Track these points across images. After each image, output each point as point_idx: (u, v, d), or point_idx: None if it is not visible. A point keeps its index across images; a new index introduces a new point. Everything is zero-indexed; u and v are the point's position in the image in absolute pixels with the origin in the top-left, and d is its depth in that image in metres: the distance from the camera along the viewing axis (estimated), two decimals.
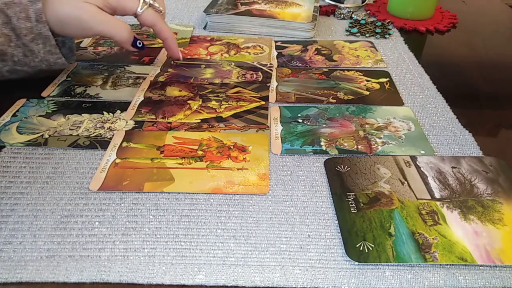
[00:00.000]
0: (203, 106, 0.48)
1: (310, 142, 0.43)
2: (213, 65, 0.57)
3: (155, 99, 0.50)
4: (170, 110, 0.48)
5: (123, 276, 0.31)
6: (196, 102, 0.49)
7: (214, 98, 0.50)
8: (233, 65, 0.57)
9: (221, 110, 0.48)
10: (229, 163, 0.41)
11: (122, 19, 0.46)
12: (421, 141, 0.44)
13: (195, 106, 0.48)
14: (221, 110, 0.48)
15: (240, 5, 0.68)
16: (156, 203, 0.37)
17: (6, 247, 0.32)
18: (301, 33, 0.65)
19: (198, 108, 0.48)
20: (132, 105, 0.48)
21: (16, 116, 0.46)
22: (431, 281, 0.31)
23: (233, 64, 0.57)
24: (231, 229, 0.34)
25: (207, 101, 0.49)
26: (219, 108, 0.48)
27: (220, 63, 0.57)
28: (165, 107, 0.48)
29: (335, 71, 0.56)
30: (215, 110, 0.48)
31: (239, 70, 0.56)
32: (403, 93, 0.52)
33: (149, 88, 0.52)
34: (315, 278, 0.31)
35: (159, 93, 0.51)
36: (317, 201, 0.37)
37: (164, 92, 0.51)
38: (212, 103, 0.49)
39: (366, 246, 0.33)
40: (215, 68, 0.56)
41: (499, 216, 0.35)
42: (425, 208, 0.36)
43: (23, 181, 0.38)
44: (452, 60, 0.62)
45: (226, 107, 0.48)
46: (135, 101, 0.49)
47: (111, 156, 0.41)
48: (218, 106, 0.48)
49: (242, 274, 0.31)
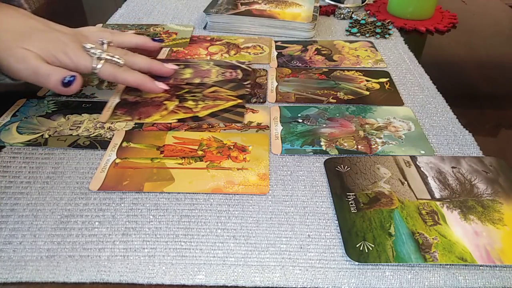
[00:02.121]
0: (180, 106, 0.48)
1: (310, 142, 0.43)
2: (192, 65, 0.56)
3: (131, 101, 0.49)
4: (146, 111, 0.47)
5: (123, 276, 0.31)
6: (173, 102, 0.49)
7: (191, 98, 0.49)
8: (212, 64, 0.56)
9: (198, 109, 0.47)
10: (229, 163, 0.41)
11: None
12: (421, 141, 0.44)
13: (172, 106, 0.48)
14: (198, 109, 0.47)
15: (240, 5, 0.68)
16: (156, 203, 0.37)
17: (6, 247, 0.32)
18: (301, 33, 0.65)
19: (174, 108, 0.48)
20: (107, 107, 0.48)
21: (16, 116, 0.46)
22: (431, 281, 0.31)
23: (212, 63, 0.57)
24: (231, 229, 0.34)
25: (183, 101, 0.49)
26: (195, 108, 0.48)
27: (199, 62, 0.57)
28: (141, 108, 0.48)
29: (335, 71, 0.56)
30: (191, 110, 0.47)
31: (218, 69, 0.55)
32: (403, 93, 0.52)
33: (126, 89, 0.51)
34: (315, 278, 0.31)
35: (135, 94, 0.50)
36: (317, 201, 0.37)
37: (141, 93, 0.50)
38: (189, 103, 0.49)
39: (366, 246, 0.33)
40: (194, 68, 0.56)
41: (499, 216, 0.35)
42: (425, 208, 0.36)
43: (23, 181, 0.38)
44: (452, 60, 0.62)
45: (203, 107, 0.48)
46: (111, 103, 0.49)
47: (111, 156, 0.41)
48: (195, 105, 0.48)
49: (242, 274, 0.31)
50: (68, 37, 0.45)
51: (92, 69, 0.45)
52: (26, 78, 0.43)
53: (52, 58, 0.43)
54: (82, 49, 0.45)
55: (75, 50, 0.44)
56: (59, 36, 0.45)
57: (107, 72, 0.46)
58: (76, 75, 0.43)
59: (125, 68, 0.47)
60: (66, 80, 0.42)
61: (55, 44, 0.44)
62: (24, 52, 0.42)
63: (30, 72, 0.42)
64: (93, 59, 0.45)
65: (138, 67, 0.49)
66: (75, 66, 0.44)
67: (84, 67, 0.45)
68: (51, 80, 0.42)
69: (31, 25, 0.45)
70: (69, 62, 0.44)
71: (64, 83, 0.42)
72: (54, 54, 0.43)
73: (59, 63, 0.44)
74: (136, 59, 0.49)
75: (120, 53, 0.48)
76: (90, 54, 0.45)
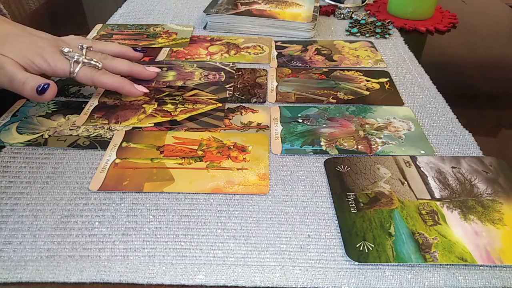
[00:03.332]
0: (158, 110, 0.47)
1: (310, 142, 0.43)
2: (175, 67, 0.56)
3: (110, 104, 0.49)
4: (124, 114, 0.47)
5: (123, 276, 0.31)
6: (151, 106, 0.48)
7: (170, 101, 0.49)
8: (195, 67, 0.56)
9: (176, 113, 0.47)
10: (229, 163, 0.41)
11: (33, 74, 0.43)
12: (421, 141, 0.44)
13: (150, 109, 0.47)
14: (176, 113, 0.47)
15: (240, 5, 0.68)
16: (156, 203, 0.37)
17: (6, 247, 0.32)
18: (301, 33, 0.65)
19: (152, 111, 0.47)
20: (85, 110, 0.47)
21: (16, 116, 0.46)
22: (431, 281, 0.31)
23: (195, 66, 0.56)
24: (231, 229, 0.34)
25: (162, 104, 0.49)
26: (174, 111, 0.47)
27: (182, 65, 0.57)
28: (119, 111, 0.47)
29: (335, 71, 0.56)
30: (170, 114, 0.47)
31: (201, 71, 0.55)
32: (403, 93, 0.52)
33: (105, 92, 0.51)
34: (315, 278, 0.31)
35: (114, 97, 0.50)
36: (317, 201, 0.37)
37: (120, 97, 0.50)
38: (168, 107, 0.48)
39: (366, 246, 0.33)
40: (177, 71, 0.55)
41: (499, 216, 0.35)
42: (425, 208, 0.36)
43: (23, 181, 0.38)
44: (452, 60, 0.62)
45: (182, 110, 0.47)
46: (89, 106, 0.48)
47: (111, 156, 0.41)
48: (174, 109, 0.48)
49: (242, 274, 0.31)
50: (45, 41, 0.45)
51: (70, 73, 0.44)
52: (1, 85, 0.42)
53: (29, 62, 0.43)
54: (59, 53, 0.45)
55: (52, 54, 0.44)
56: (36, 41, 0.44)
57: (85, 76, 0.45)
58: (51, 83, 0.42)
59: (103, 72, 0.46)
60: (41, 88, 0.42)
61: (32, 48, 0.43)
62: (0, 58, 0.41)
63: (6, 79, 0.42)
64: (71, 63, 0.44)
65: (118, 71, 0.48)
66: (52, 70, 0.44)
67: (62, 71, 0.44)
68: (26, 88, 0.42)
69: (8, 30, 0.44)
70: (46, 66, 0.43)
71: (39, 91, 0.42)
72: (31, 59, 0.43)
73: (36, 68, 0.43)
74: (116, 63, 0.49)
75: (99, 57, 0.47)
76: (68, 58, 0.45)
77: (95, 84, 0.47)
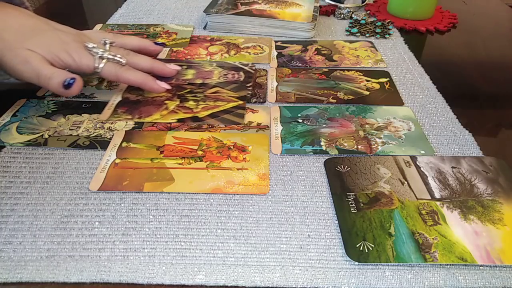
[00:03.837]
0: (180, 106, 0.48)
1: (310, 142, 0.43)
2: (195, 65, 0.57)
3: (133, 100, 0.49)
4: (147, 110, 0.47)
5: (123, 276, 0.31)
6: (174, 102, 0.49)
7: (192, 98, 0.49)
8: (214, 66, 0.56)
9: (198, 110, 0.48)
10: (229, 163, 0.41)
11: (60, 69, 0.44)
12: (421, 141, 0.44)
13: (172, 106, 0.48)
14: (198, 110, 0.48)
15: (240, 5, 0.68)
16: (156, 203, 0.37)
17: (6, 247, 0.32)
18: (301, 33, 0.65)
19: (175, 108, 0.48)
20: (109, 105, 0.48)
21: (16, 116, 0.46)
22: (431, 281, 0.31)
23: (214, 65, 0.57)
24: (231, 229, 0.34)
25: (184, 101, 0.49)
26: (196, 108, 0.48)
27: (201, 63, 0.57)
28: (141, 107, 0.48)
29: (335, 71, 0.56)
30: (191, 110, 0.47)
31: (220, 70, 0.55)
32: (403, 93, 0.52)
33: (128, 88, 0.51)
34: (315, 278, 0.31)
35: (137, 93, 0.50)
36: (317, 201, 0.37)
37: (142, 93, 0.50)
38: (190, 103, 0.49)
39: (366, 246, 0.33)
40: (196, 69, 0.56)
41: (499, 216, 0.35)
42: (425, 208, 0.36)
43: (23, 181, 0.38)
44: (452, 60, 0.62)
45: (203, 107, 0.48)
46: (113, 101, 0.49)
47: (111, 156, 0.41)
48: (195, 106, 0.48)
49: (242, 274, 0.31)
50: (70, 36, 0.45)
51: (95, 69, 0.45)
52: (28, 79, 0.43)
53: (54, 58, 0.43)
54: (84, 48, 0.45)
55: (77, 49, 0.44)
56: (61, 36, 0.45)
57: (109, 71, 0.46)
58: (77, 77, 0.43)
59: (127, 67, 0.47)
60: (67, 83, 0.42)
61: (58, 43, 0.44)
62: (27, 53, 0.42)
63: (33, 74, 0.42)
64: (95, 58, 0.45)
65: (140, 67, 0.49)
66: (77, 65, 0.44)
67: (87, 66, 0.45)
68: (52, 82, 0.42)
69: (34, 24, 0.45)
70: (71, 61, 0.44)
71: (65, 85, 0.42)
72: (56, 53, 0.43)
73: (62, 63, 0.44)
74: (138, 59, 0.49)
75: (122, 53, 0.48)
76: (92, 53, 0.45)
77: (119, 80, 0.48)
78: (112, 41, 0.48)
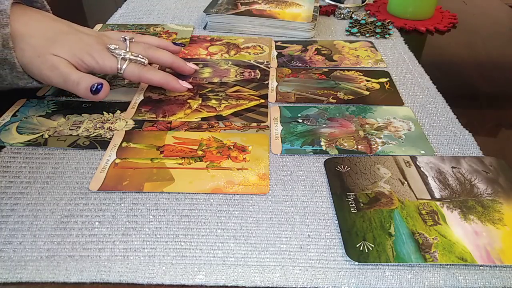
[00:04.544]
0: (203, 105, 0.48)
1: (310, 142, 0.43)
2: (211, 64, 0.57)
3: (155, 98, 0.50)
4: (171, 109, 0.48)
5: (123, 276, 0.31)
6: (196, 101, 0.49)
7: (214, 97, 0.50)
8: (230, 64, 0.57)
9: (221, 108, 0.48)
10: (229, 163, 0.41)
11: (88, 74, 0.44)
12: (421, 141, 0.44)
13: (195, 105, 0.48)
14: (221, 108, 0.48)
15: (240, 5, 0.68)
16: (156, 203, 0.37)
17: (6, 247, 0.32)
18: (301, 33, 0.65)
19: (198, 107, 0.48)
20: (132, 104, 0.49)
21: (16, 116, 0.46)
22: (431, 281, 0.31)
23: (230, 63, 0.57)
24: (231, 229, 0.34)
25: (206, 100, 0.49)
26: (219, 107, 0.48)
27: (217, 62, 0.57)
28: (165, 106, 0.48)
29: (335, 71, 0.56)
30: (215, 109, 0.48)
31: (237, 68, 0.56)
32: (403, 93, 0.52)
33: (149, 87, 0.52)
34: (315, 278, 0.31)
35: (158, 92, 0.51)
36: (317, 201, 0.37)
37: (164, 92, 0.51)
38: (212, 102, 0.49)
39: (366, 246, 0.33)
40: (212, 68, 0.56)
41: (499, 216, 0.35)
42: (425, 208, 0.36)
43: (23, 181, 0.38)
44: (452, 60, 0.62)
45: (226, 106, 0.48)
46: (135, 100, 0.49)
47: (111, 156, 0.41)
48: (218, 104, 0.49)
49: (242, 274, 0.31)
50: (92, 38, 0.46)
51: (118, 70, 0.45)
52: (56, 84, 0.43)
53: (78, 61, 0.44)
54: (107, 50, 0.45)
55: (100, 51, 0.45)
56: (84, 38, 0.45)
57: (132, 72, 0.46)
58: (104, 82, 0.43)
59: (149, 68, 0.47)
60: (95, 88, 0.43)
61: (81, 46, 0.44)
62: (55, 59, 0.42)
63: (61, 79, 0.43)
64: (118, 60, 0.45)
65: (161, 62, 0.50)
66: (100, 68, 0.45)
67: (110, 68, 0.45)
68: (80, 88, 0.43)
69: (57, 28, 0.45)
70: (94, 64, 0.44)
71: (93, 91, 0.43)
72: (80, 57, 0.44)
73: (85, 66, 0.44)
74: (159, 53, 0.49)
75: (143, 47, 0.48)
76: (115, 55, 0.45)
77: (141, 81, 0.48)
78: (132, 37, 0.48)
